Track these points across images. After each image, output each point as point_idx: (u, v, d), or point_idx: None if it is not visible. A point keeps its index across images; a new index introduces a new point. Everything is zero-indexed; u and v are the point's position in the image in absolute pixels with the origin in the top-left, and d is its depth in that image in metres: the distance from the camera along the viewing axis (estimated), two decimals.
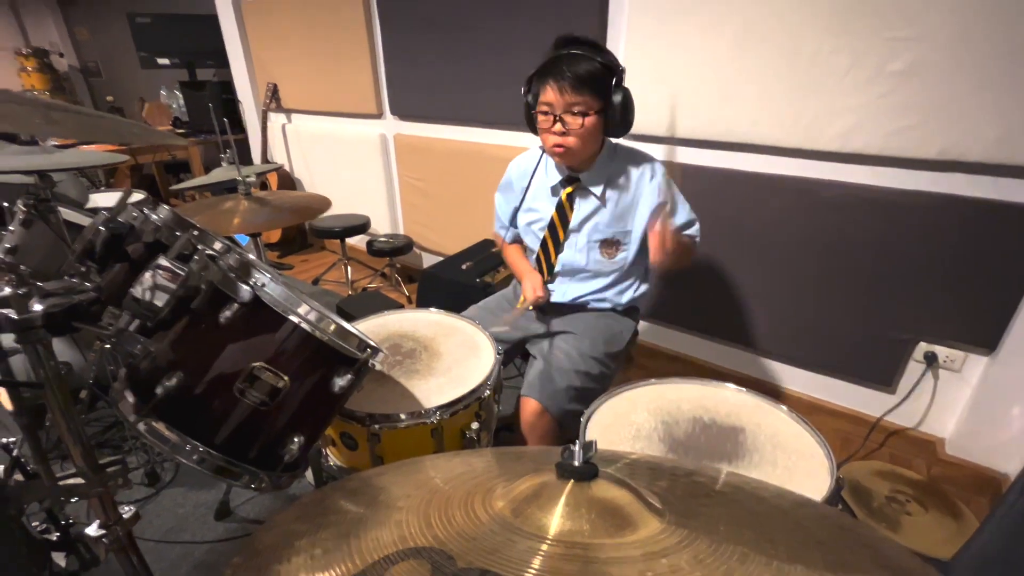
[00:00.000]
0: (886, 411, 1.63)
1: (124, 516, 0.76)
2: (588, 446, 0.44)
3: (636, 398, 0.95)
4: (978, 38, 1.21)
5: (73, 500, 0.70)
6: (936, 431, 1.60)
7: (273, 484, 0.66)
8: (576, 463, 0.43)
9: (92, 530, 0.75)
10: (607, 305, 1.30)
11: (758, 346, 1.84)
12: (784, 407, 0.90)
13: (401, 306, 1.99)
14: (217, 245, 0.78)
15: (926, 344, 1.51)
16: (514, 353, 1.35)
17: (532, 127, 1.16)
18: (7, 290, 0.62)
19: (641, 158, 1.23)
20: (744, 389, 0.95)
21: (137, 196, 0.87)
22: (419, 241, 2.76)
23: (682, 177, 1.73)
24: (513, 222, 1.34)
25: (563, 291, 1.29)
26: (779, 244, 1.64)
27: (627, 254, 1.24)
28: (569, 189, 1.22)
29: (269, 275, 0.69)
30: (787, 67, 1.45)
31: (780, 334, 1.77)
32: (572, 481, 0.44)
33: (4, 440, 0.82)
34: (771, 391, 1.85)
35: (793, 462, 0.78)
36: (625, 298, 1.30)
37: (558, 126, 1.07)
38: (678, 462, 0.62)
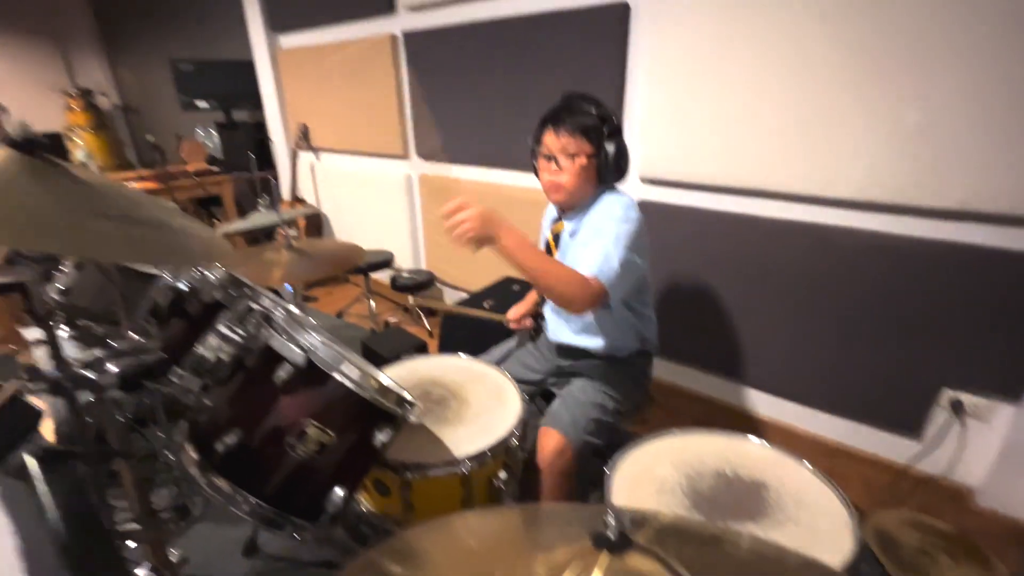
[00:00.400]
0: (913, 458, 1.61)
1: (173, 561, 0.81)
2: (621, 517, 0.47)
3: (659, 450, 0.97)
4: (989, 96, 1.25)
5: (131, 545, 0.74)
6: (965, 480, 1.57)
7: (316, 535, 0.70)
8: (612, 536, 0.47)
9: (142, 572, 0.79)
10: (610, 352, 1.31)
11: (779, 389, 1.84)
12: (807, 463, 0.91)
13: (424, 344, 2.04)
14: (266, 302, 0.84)
15: (951, 391, 1.50)
16: (536, 393, 1.40)
17: (536, 171, 1.25)
18: (88, 352, 0.68)
19: (619, 205, 1.17)
20: (766, 443, 0.97)
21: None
22: (441, 276, 2.83)
23: (692, 223, 1.78)
24: None
25: (555, 330, 1.34)
26: (797, 288, 1.67)
27: None
28: (556, 229, 1.29)
29: (318, 335, 0.75)
30: (801, 122, 1.51)
31: (801, 377, 1.77)
32: (606, 551, 0.47)
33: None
34: (794, 434, 1.84)
35: (817, 522, 0.79)
36: (625, 343, 1.31)
37: (553, 166, 1.16)
38: (704, 525, 0.64)
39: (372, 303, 2.85)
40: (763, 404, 1.91)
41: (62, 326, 1.77)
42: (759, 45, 1.52)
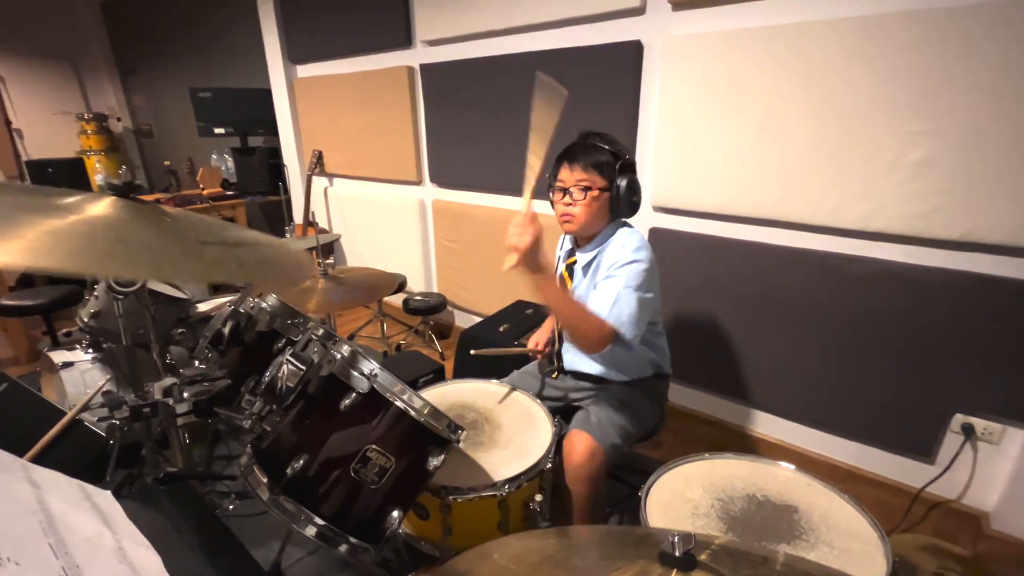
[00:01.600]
0: (927, 483, 1.63)
1: None
2: (687, 538, 0.51)
3: (690, 474, 1.01)
4: (990, 131, 1.33)
5: None
6: (980, 504, 1.59)
7: (375, 556, 0.73)
8: (677, 553, 0.50)
9: None
10: (626, 379, 1.36)
11: (792, 413, 1.88)
12: (835, 487, 0.95)
13: (441, 367, 2.07)
14: (320, 331, 0.88)
15: (962, 416, 1.54)
16: (560, 410, 1.44)
17: (552, 203, 1.30)
18: (166, 380, 0.72)
19: (632, 244, 1.21)
20: (794, 467, 1.00)
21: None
22: (452, 299, 2.88)
23: (704, 250, 1.84)
24: None
25: (571, 361, 1.39)
26: (808, 314, 1.72)
27: None
28: (570, 260, 1.34)
29: (374, 361, 0.79)
30: (810, 155, 1.58)
31: (813, 401, 1.81)
32: (675, 570, 0.50)
33: None
34: (808, 458, 1.87)
35: (848, 544, 0.82)
36: (640, 372, 1.37)
37: (567, 198, 1.22)
38: (752, 546, 0.67)
39: (384, 325, 2.89)
40: (776, 428, 1.94)
41: (88, 349, 1.81)
42: (769, 80, 1.60)
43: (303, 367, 0.72)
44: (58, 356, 1.78)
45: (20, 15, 5.06)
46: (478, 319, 2.49)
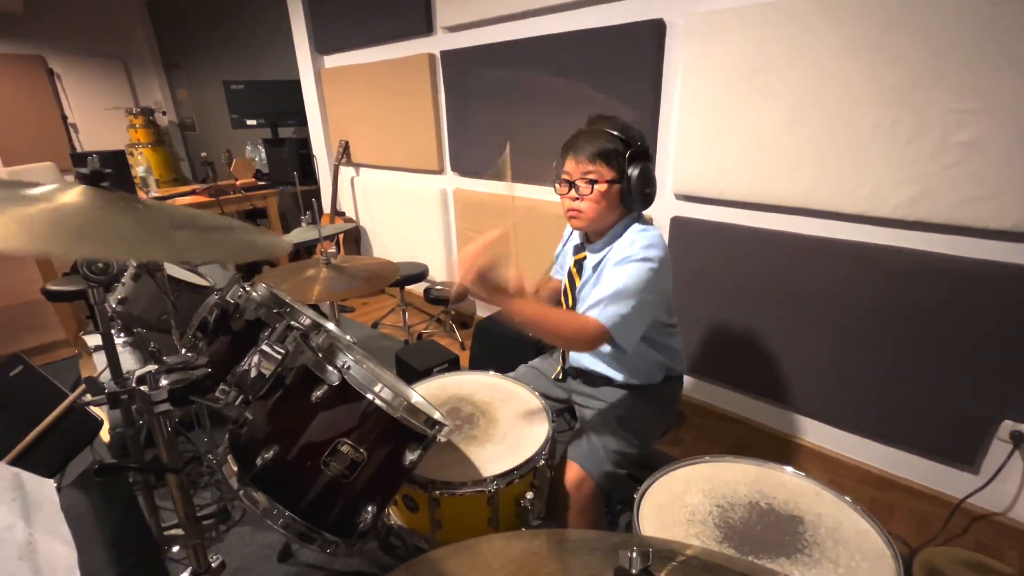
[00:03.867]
0: (969, 493, 1.51)
1: (213, 565, 0.85)
2: (646, 555, 0.47)
3: (691, 477, 0.95)
4: None
5: (175, 549, 0.78)
6: None
7: (346, 550, 0.72)
8: (634, 571, 0.46)
9: None
10: (632, 383, 1.27)
11: (823, 414, 1.77)
12: (848, 497, 0.87)
13: (456, 358, 2.06)
14: (306, 321, 0.88)
15: (1011, 423, 1.40)
16: (563, 409, 1.40)
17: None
18: (145, 367, 0.72)
19: (643, 241, 1.11)
20: (803, 474, 0.93)
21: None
22: None
23: (724, 239, 1.74)
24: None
25: (576, 356, 1.32)
26: (841, 309, 1.60)
27: None
28: (579, 256, 1.26)
29: (352, 354, 0.77)
30: (845, 137, 1.46)
31: (846, 402, 1.69)
32: None
33: None
34: (840, 463, 1.76)
35: (856, 562, 0.75)
36: (649, 376, 1.27)
37: (572, 192, 1.14)
38: (732, 560, 0.62)
39: (406, 314, 2.91)
40: (805, 429, 1.83)
41: (120, 334, 1.89)
42: (799, 58, 1.48)
43: (278, 357, 0.71)
44: (92, 339, 1.87)
45: (74, 15, 5.34)
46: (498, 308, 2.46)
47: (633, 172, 1.10)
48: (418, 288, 3.03)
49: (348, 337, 1.02)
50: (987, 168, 1.28)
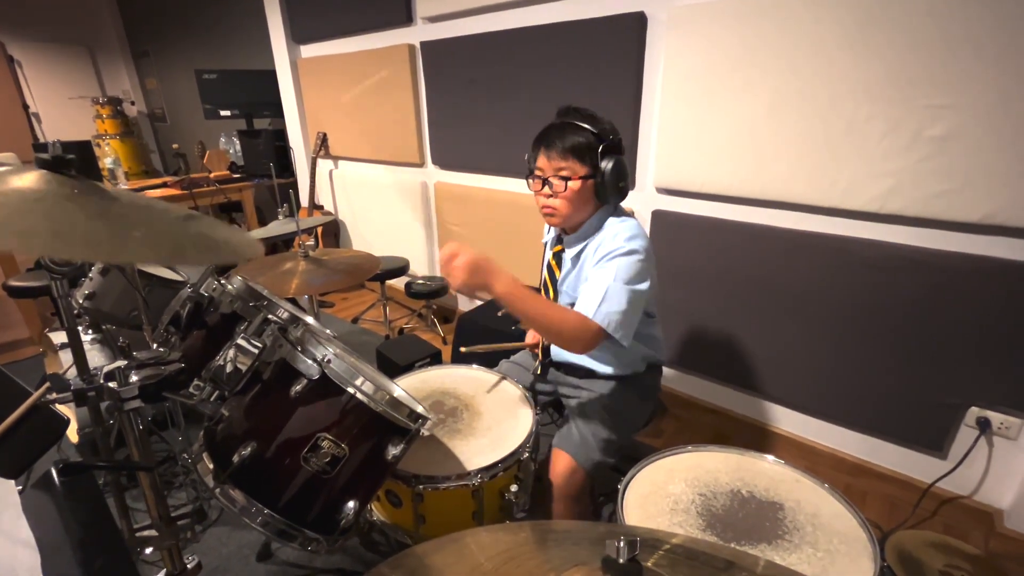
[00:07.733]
0: (938, 478, 1.56)
1: (189, 566, 0.82)
2: (633, 544, 0.47)
3: (674, 467, 0.96)
4: (1018, 104, 1.22)
5: (148, 551, 0.76)
6: (993, 502, 1.52)
7: (328, 547, 0.71)
8: (621, 560, 0.46)
9: None
10: (616, 373, 1.27)
11: (798, 403, 1.81)
12: (826, 484, 0.89)
13: (439, 352, 2.04)
14: (284, 314, 0.85)
15: (978, 409, 1.46)
16: (549, 403, 1.40)
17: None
18: (113, 364, 0.69)
19: (625, 232, 1.10)
20: (783, 462, 0.95)
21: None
22: None
23: (709, 232, 1.76)
24: None
25: (560, 351, 1.31)
26: (816, 300, 1.64)
27: None
28: (556, 248, 1.25)
29: (333, 347, 0.76)
30: (822, 132, 1.48)
31: (821, 391, 1.73)
32: None
33: None
34: (815, 450, 1.80)
35: (835, 545, 0.77)
36: (633, 366, 1.28)
37: (546, 188, 1.12)
38: (716, 547, 0.63)
39: (387, 309, 2.87)
40: (782, 418, 1.87)
41: (88, 330, 1.82)
42: (779, 53, 1.50)
43: (255, 351, 0.69)
44: (58, 337, 1.80)
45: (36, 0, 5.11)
46: (480, 303, 2.45)
47: (607, 166, 1.08)
48: (399, 283, 3.00)
49: (328, 331, 1.00)
50: (957, 163, 1.31)
